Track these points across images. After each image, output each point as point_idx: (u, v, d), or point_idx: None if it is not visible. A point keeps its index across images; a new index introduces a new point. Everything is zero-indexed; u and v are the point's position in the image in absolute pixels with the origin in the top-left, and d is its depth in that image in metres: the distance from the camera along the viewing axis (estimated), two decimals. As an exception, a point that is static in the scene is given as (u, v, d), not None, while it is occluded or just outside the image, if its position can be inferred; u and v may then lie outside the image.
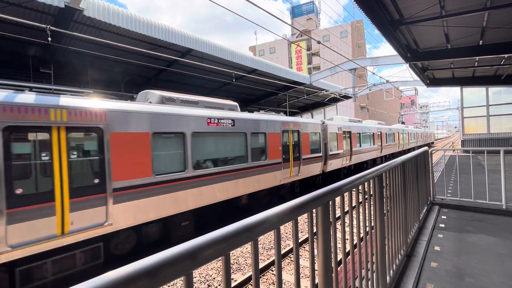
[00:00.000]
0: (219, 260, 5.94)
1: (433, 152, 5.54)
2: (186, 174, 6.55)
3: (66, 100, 4.86)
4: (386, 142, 22.05)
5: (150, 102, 6.83)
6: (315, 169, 12.00)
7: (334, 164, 13.46)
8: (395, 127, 25.64)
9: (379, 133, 19.88)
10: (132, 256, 5.75)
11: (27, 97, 4.47)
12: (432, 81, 14.85)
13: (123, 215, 5.32)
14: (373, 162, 19.18)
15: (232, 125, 7.92)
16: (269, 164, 9.25)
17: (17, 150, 4.29)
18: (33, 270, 4.40)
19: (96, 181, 5.04)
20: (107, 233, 5.12)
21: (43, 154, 4.51)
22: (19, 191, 4.21)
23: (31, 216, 4.26)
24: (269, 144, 9.26)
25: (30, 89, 5.18)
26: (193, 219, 6.95)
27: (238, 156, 8.18)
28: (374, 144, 18.71)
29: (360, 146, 16.50)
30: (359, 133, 16.57)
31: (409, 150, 27.55)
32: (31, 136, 4.44)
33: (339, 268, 2.66)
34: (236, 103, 8.93)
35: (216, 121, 7.48)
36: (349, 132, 15.15)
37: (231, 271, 4.90)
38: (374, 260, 2.12)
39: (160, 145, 6.16)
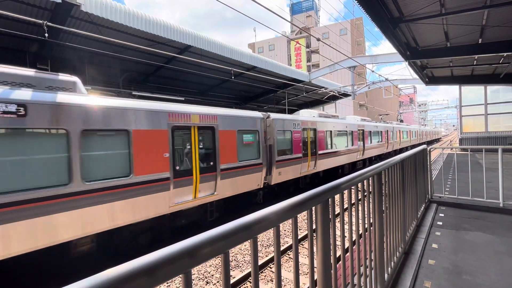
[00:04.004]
0: (218, 257, 5.88)
1: (431, 150, 5.55)
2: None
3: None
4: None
5: (314, 116, 12.89)
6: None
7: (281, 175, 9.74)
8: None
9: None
10: (132, 253, 5.75)
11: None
12: (431, 79, 14.86)
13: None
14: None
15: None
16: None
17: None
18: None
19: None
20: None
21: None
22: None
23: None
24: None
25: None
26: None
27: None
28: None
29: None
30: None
31: (432, 143, 46.12)
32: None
33: (337, 265, 2.68)
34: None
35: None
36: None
37: (230, 267, 4.87)
38: (372, 257, 2.13)
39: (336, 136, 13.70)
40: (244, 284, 5.06)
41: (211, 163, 7.11)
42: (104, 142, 5.22)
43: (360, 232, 1.96)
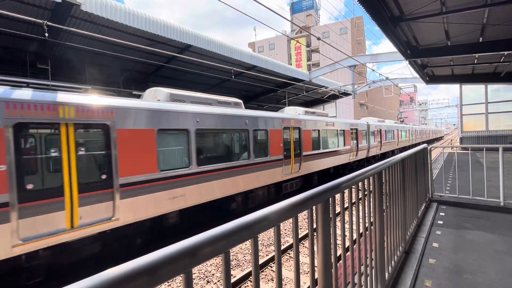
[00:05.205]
0: (219, 256, 5.90)
1: (432, 149, 5.54)
2: None
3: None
4: (401, 138, 25.86)
5: (375, 121, 20.82)
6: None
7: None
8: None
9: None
10: (133, 253, 5.76)
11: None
12: (432, 78, 14.84)
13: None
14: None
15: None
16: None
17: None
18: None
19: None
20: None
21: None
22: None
23: None
24: None
25: (28, 84, 5.15)
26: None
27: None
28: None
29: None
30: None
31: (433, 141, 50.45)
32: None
33: (338, 264, 2.68)
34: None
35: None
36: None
37: (230, 267, 4.86)
38: (373, 256, 2.13)
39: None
40: (245, 283, 5.06)
41: (355, 144, 15.84)
42: (335, 134, 13.80)
43: (361, 231, 1.96)
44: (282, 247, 6.18)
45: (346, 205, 1.82)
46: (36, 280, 4.64)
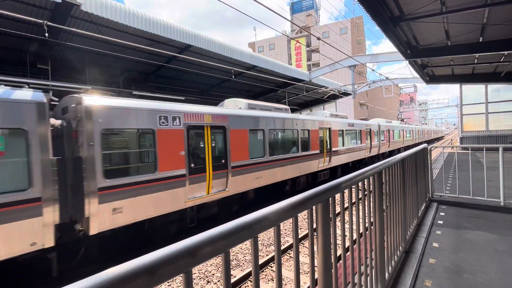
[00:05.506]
0: (219, 256, 5.85)
1: (432, 149, 5.54)
2: None
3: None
4: (406, 137, 28.99)
5: (383, 122, 22.51)
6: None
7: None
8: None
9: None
10: (134, 252, 5.77)
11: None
12: (432, 78, 14.84)
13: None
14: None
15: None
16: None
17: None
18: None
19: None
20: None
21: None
22: None
23: None
24: None
25: (28, 85, 5.15)
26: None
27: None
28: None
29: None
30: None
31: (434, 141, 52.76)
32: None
33: (338, 264, 2.68)
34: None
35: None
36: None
37: (230, 267, 4.82)
38: (373, 256, 2.13)
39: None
40: (245, 283, 5.06)
41: (369, 142, 17.66)
42: (354, 133, 15.91)
43: (361, 231, 1.96)
44: (282, 247, 6.18)
45: (346, 205, 1.82)
46: (192, 225, 6.91)
